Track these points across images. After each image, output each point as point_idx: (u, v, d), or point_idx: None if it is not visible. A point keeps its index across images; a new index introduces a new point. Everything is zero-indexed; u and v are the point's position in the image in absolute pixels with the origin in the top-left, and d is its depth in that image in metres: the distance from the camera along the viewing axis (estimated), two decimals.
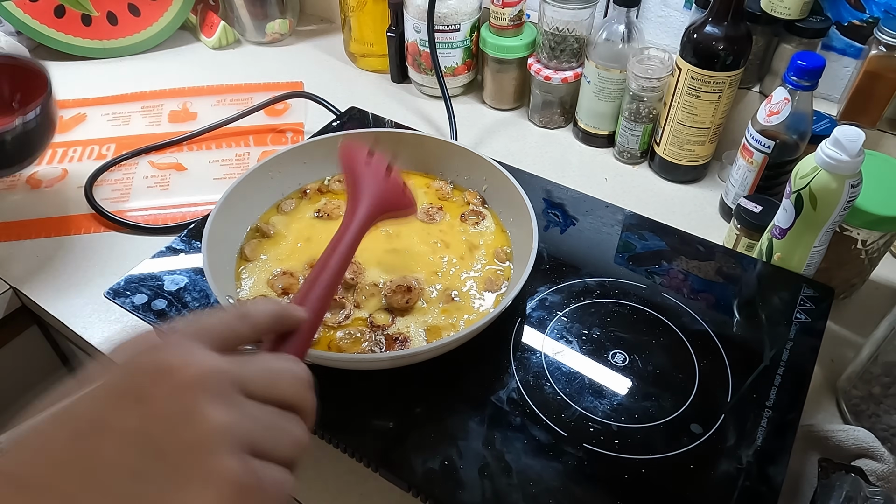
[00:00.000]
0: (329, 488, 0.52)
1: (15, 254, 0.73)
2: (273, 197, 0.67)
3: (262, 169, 0.65)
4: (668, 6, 0.85)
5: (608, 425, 0.50)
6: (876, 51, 0.69)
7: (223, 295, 0.52)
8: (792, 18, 0.72)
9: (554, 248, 0.64)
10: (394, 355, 0.51)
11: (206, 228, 0.57)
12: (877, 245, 0.62)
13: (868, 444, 0.52)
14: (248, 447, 0.25)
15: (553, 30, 0.84)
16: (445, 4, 0.88)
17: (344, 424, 0.50)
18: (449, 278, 0.59)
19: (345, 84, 1.02)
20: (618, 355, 0.55)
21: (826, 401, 0.60)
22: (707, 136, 0.78)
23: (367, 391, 0.52)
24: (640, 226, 0.67)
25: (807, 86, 0.64)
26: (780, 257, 0.62)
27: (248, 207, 0.64)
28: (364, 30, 1.00)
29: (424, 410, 0.51)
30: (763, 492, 0.46)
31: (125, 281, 0.59)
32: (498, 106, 0.97)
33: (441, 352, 0.51)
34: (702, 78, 0.73)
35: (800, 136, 0.68)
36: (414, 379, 0.52)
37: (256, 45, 1.12)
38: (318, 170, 0.69)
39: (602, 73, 0.82)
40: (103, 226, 0.76)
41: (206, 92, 1.00)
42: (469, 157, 0.67)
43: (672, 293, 0.60)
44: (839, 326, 0.66)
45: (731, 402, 0.51)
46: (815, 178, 0.55)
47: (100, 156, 0.86)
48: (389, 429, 0.50)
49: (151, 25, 1.08)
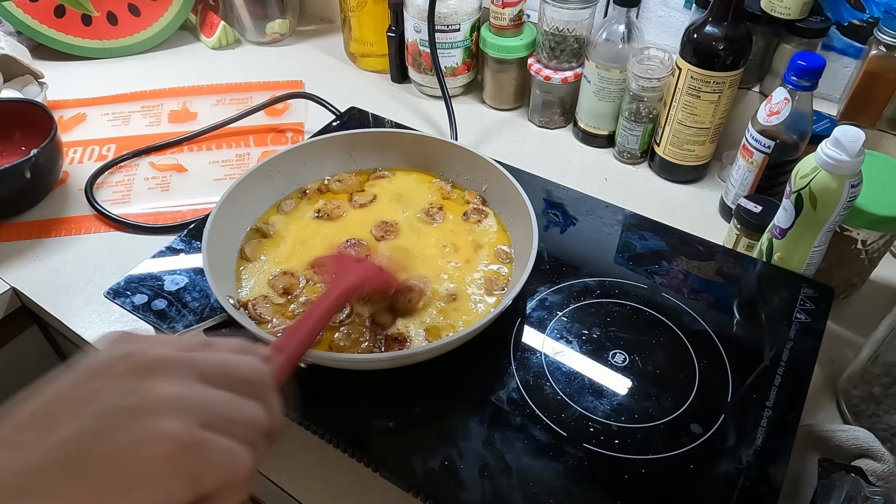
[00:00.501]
0: (329, 488, 0.52)
1: (15, 254, 0.73)
2: (273, 197, 0.67)
3: (263, 169, 0.65)
4: (668, 6, 0.85)
5: (608, 425, 0.50)
6: (876, 51, 0.69)
7: (223, 295, 0.52)
8: (792, 18, 0.72)
9: (554, 248, 0.64)
10: (394, 355, 0.51)
11: (207, 228, 0.57)
12: (877, 245, 0.62)
13: (868, 444, 0.52)
14: (197, 419, 0.27)
15: (553, 30, 0.84)
16: (445, 4, 0.88)
17: (344, 424, 0.50)
18: (452, 279, 0.59)
19: (345, 84, 1.02)
20: (618, 355, 0.55)
21: (826, 401, 0.60)
22: (707, 136, 0.78)
23: (368, 391, 0.52)
24: (640, 226, 0.67)
25: (807, 86, 0.64)
26: (780, 257, 0.62)
27: (248, 207, 0.64)
28: (364, 30, 1.00)
29: (425, 410, 0.51)
30: (763, 492, 0.46)
31: (125, 281, 0.59)
32: (498, 106, 0.97)
33: (441, 352, 0.51)
34: (702, 78, 0.73)
35: (800, 136, 0.68)
36: (414, 379, 0.52)
37: (256, 45, 1.12)
38: (318, 170, 0.69)
39: (602, 73, 0.82)
40: (104, 226, 0.77)
41: (206, 92, 1.00)
42: (469, 157, 0.67)
43: (672, 293, 0.60)
44: (839, 326, 0.66)
45: (731, 402, 0.51)
46: (815, 178, 0.55)
47: (100, 156, 0.86)
48: (389, 429, 0.50)
49: (151, 25, 1.08)
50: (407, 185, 0.69)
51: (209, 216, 0.58)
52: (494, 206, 0.67)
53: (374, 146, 0.70)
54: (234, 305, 0.53)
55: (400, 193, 0.68)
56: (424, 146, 0.69)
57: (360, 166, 0.71)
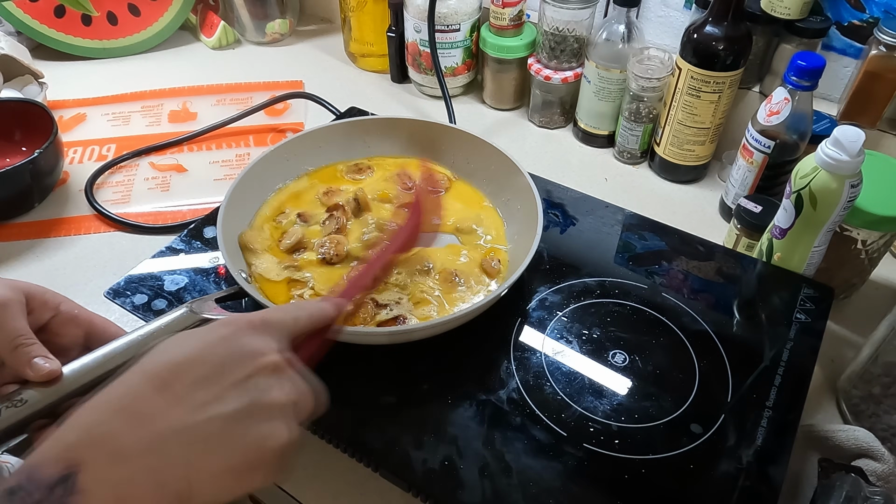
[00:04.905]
0: (329, 488, 0.52)
1: (15, 254, 0.73)
2: (285, 178, 0.69)
3: (279, 151, 0.67)
4: (668, 6, 0.85)
5: (608, 425, 0.50)
6: (876, 51, 0.69)
7: (236, 269, 0.55)
8: (792, 18, 0.72)
9: (554, 247, 0.64)
10: (391, 330, 0.53)
11: (222, 207, 0.59)
12: (877, 245, 0.62)
13: (868, 444, 0.52)
14: (295, 420, 0.35)
15: (553, 30, 0.84)
16: (445, 4, 0.88)
17: (344, 425, 0.50)
18: (457, 265, 0.61)
19: (345, 84, 1.02)
20: (618, 355, 0.55)
21: (826, 401, 0.60)
22: (707, 136, 0.78)
23: (368, 391, 0.52)
24: (640, 226, 0.67)
25: (807, 86, 0.64)
26: (780, 257, 0.62)
27: (262, 186, 0.66)
28: (364, 30, 1.00)
29: (424, 410, 0.51)
30: (763, 492, 0.46)
31: (125, 281, 0.59)
32: (498, 106, 0.97)
33: (438, 331, 0.52)
34: (702, 78, 0.73)
35: (800, 136, 0.68)
36: (414, 379, 0.52)
37: (256, 45, 1.12)
38: (331, 153, 0.71)
39: (602, 73, 0.82)
40: (104, 226, 0.77)
41: (206, 92, 1.00)
42: (474, 142, 0.68)
43: (672, 293, 0.60)
44: (839, 326, 0.66)
45: (731, 402, 0.51)
46: (815, 178, 0.55)
47: (100, 156, 0.86)
48: (389, 428, 0.50)
49: (151, 25, 1.08)
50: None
51: (226, 193, 0.61)
52: (496, 201, 0.68)
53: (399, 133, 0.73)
54: (245, 279, 0.56)
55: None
56: (432, 132, 0.71)
57: (372, 153, 0.73)
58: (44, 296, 0.45)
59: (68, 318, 0.46)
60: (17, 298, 0.42)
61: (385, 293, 0.57)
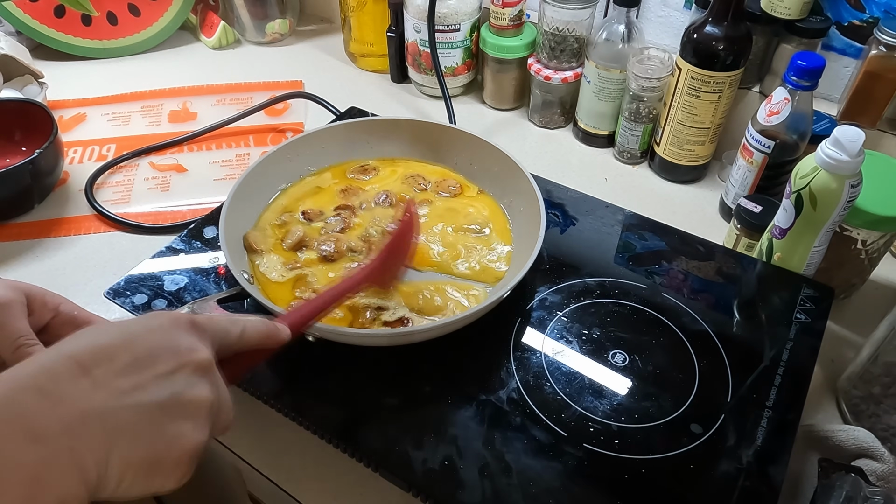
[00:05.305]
0: (329, 488, 0.52)
1: (15, 254, 0.73)
2: (289, 178, 0.69)
3: (283, 151, 0.67)
4: (668, 6, 0.85)
5: (608, 425, 0.50)
6: (876, 51, 0.69)
7: (238, 269, 0.55)
8: (792, 18, 0.72)
9: (554, 248, 0.64)
10: (392, 332, 0.53)
11: (225, 205, 0.60)
12: (877, 245, 0.62)
13: (868, 444, 0.52)
14: (210, 421, 0.34)
15: (553, 30, 0.84)
16: (445, 4, 0.88)
17: (344, 425, 0.50)
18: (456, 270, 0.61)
19: (345, 84, 1.02)
20: (618, 355, 0.55)
21: (826, 401, 0.60)
22: (707, 136, 0.78)
23: (368, 392, 0.52)
24: (640, 226, 0.67)
25: (807, 86, 0.64)
26: (780, 257, 0.62)
27: (264, 187, 0.67)
28: (364, 30, 1.00)
29: (424, 410, 0.51)
30: (763, 492, 0.46)
31: (125, 281, 0.59)
32: (498, 106, 0.97)
33: (439, 333, 0.52)
34: (702, 78, 0.73)
35: (800, 136, 0.68)
36: (414, 378, 0.52)
37: (256, 45, 1.12)
38: (333, 155, 0.71)
39: (602, 73, 0.82)
40: (104, 226, 0.77)
41: (206, 92, 1.00)
42: (479, 144, 0.68)
43: (672, 293, 0.60)
44: (839, 326, 0.66)
45: (731, 402, 0.51)
46: (815, 178, 0.55)
47: (100, 156, 0.86)
48: (389, 428, 0.50)
49: (151, 25, 1.08)
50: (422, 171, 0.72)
51: (229, 192, 0.61)
52: (499, 198, 0.68)
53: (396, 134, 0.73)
54: (247, 280, 0.56)
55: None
56: (432, 133, 0.72)
57: (378, 154, 0.73)
58: (44, 297, 0.45)
59: (68, 318, 0.45)
60: (18, 299, 0.42)
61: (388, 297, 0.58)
